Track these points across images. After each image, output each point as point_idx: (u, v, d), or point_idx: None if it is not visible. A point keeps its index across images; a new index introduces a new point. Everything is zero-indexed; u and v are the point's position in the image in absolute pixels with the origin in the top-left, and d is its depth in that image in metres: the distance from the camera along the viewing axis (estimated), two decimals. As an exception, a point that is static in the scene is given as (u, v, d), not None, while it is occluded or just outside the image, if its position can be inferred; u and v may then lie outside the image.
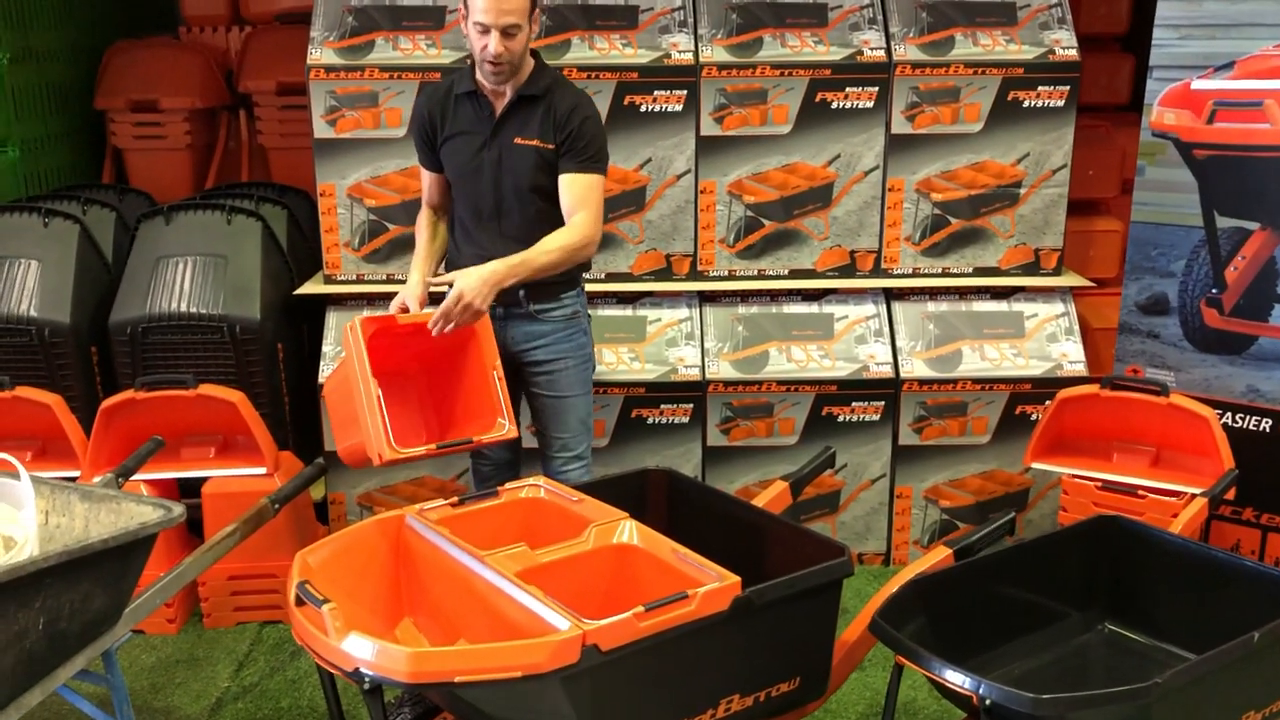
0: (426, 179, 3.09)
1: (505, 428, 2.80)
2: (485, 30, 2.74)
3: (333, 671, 1.98)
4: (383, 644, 1.88)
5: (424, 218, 3.11)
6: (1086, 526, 2.71)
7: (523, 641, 1.89)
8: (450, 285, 2.76)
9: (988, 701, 1.98)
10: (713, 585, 2.07)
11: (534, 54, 2.92)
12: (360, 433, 2.72)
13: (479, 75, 2.89)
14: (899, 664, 2.19)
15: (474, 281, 2.71)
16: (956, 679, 2.02)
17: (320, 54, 3.63)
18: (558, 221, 2.89)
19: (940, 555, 2.54)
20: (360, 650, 1.89)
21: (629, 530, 2.34)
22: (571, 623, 1.91)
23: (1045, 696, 1.94)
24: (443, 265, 3.09)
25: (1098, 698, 2.00)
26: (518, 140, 2.89)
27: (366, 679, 1.89)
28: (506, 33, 2.74)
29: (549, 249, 2.82)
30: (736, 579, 2.10)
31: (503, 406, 2.81)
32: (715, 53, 3.63)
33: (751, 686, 2.21)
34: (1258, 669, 2.20)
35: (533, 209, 2.92)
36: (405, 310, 2.88)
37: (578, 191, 2.87)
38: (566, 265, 2.87)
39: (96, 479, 2.87)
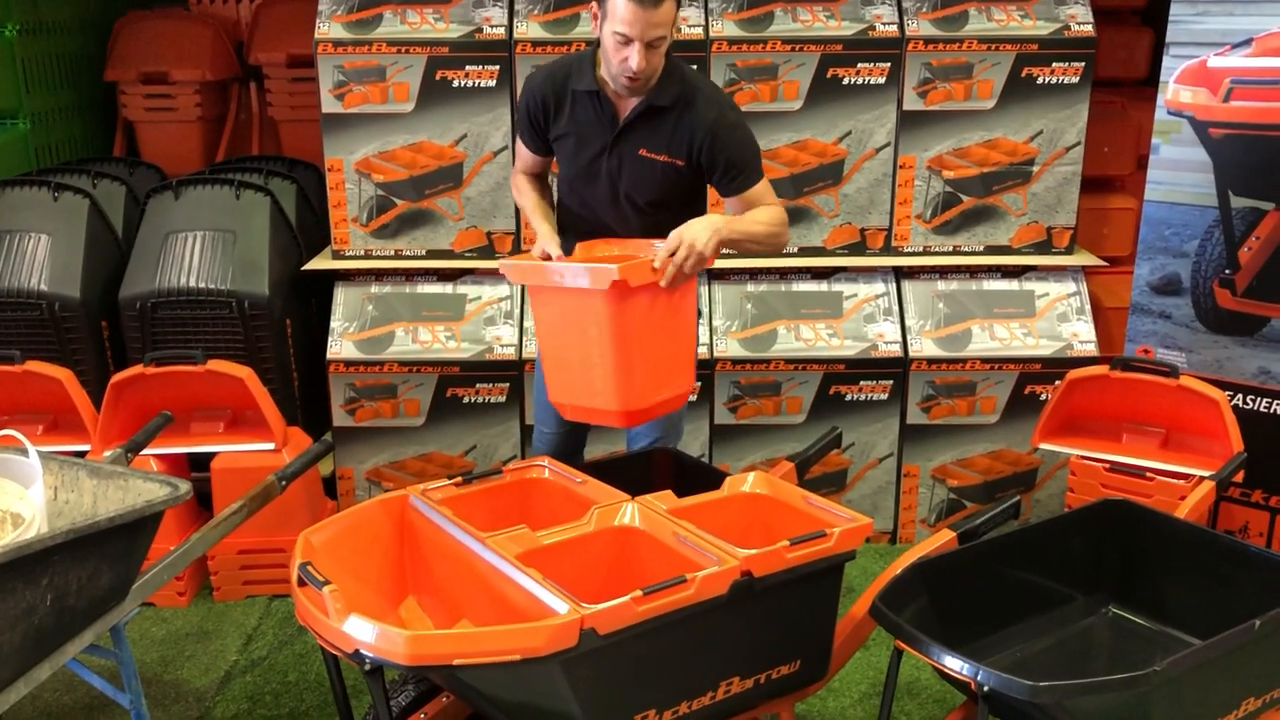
0: (525, 155, 2.86)
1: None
2: (626, 41, 2.48)
3: (334, 653, 2.00)
4: (382, 626, 1.89)
5: (523, 182, 2.87)
6: (1092, 510, 2.70)
7: (521, 625, 1.90)
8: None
9: (985, 688, 1.98)
10: (712, 569, 2.07)
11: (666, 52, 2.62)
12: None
13: (603, 74, 2.63)
14: (898, 649, 2.19)
15: (702, 230, 2.46)
16: (955, 665, 2.03)
17: (328, 28, 3.61)
18: (671, 226, 2.67)
19: (944, 538, 2.53)
20: (360, 632, 1.90)
21: (631, 512, 2.34)
22: (570, 606, 1.92)
23: (1043, 684, 1.94)
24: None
25: (1096, 685, 1.99)
26: (643, 152, 2.67)
27: (367, 660, 1.90)
28: (651, 45, 2.49)
29: (760, 220, 2.63)
30: (736, 562, 2.10)
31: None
32: (726, 27, 3.60)
33: (752, 669, 2.22)
34: (1258, 656, 2.19)
35: (649, 218, 2.74)
36: (547, 257, 2.63)
37: (753, 201, 2.69)
38: (769, 245, 2.68)
39: (106, 454, 2.89)
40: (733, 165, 2.65)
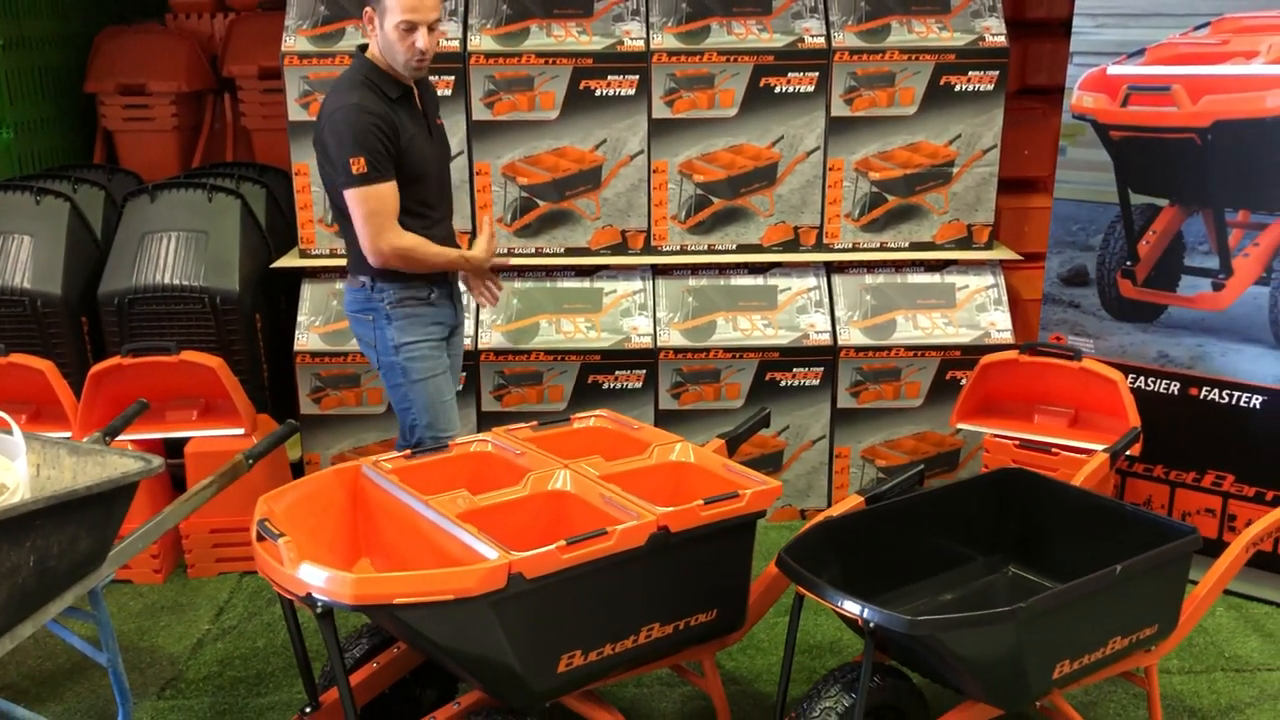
0: (391, 196, 2.90)
1: None
2: (412, 28, 2.84)
3: (290, 598, 2.23)
4: (331, 571, 2.12)
5: (410, 236, 2.93)
6: (991, 477, 2.95)
7: (455, 569, 2.13)
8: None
9: (871, 624, 2.22)
10: (630, 523, 2.31)
11: None
12: None
13: (402, 72, 2.92)
14: (799, 594, 2.44)
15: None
16: (844, 605, 2.27)
17: (294, 41, 3.85)
18: None
19: (853, 502, 2.77)
20: (312, 577, 2.13)
21: (564, 478, 2.58)
22: (499, 553, 2.16)
23: (920, 618, 2.19)
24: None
25: (966, 619, 2.24)
26: (439, 121, 3.13)
27: (318, 603, 2.13)
28: (432, 27, 2.88)
29: None
30: (654, 517, 2.33)
31: None
32: (665, 40, 3.86)
33: (671, 616, 2.45)
34: (1123, 598, 2.44)
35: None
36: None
37: None
38: None
39: (86, 439, 3.10)
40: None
